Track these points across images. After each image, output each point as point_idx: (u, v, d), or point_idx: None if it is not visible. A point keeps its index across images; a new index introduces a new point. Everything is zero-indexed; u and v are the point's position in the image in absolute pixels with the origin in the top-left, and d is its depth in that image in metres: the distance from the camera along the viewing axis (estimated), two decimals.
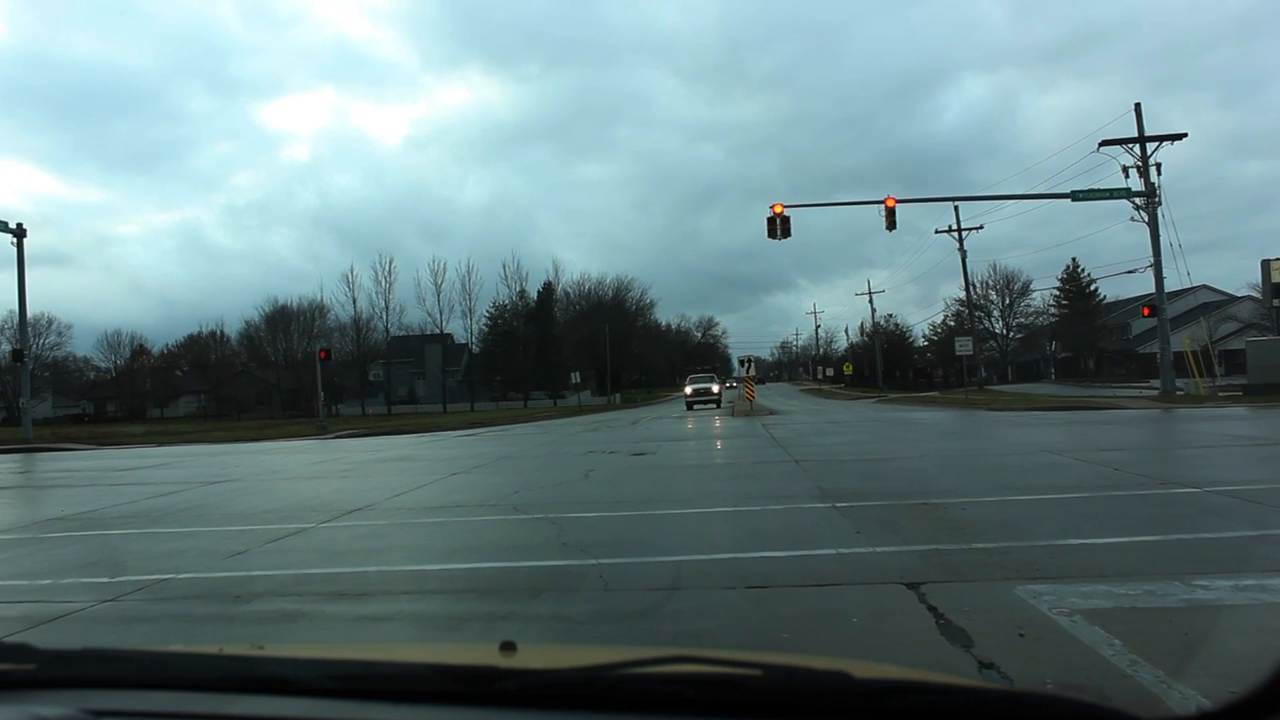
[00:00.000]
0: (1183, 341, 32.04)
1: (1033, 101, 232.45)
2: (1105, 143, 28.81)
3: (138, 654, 1.30)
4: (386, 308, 67.90)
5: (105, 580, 5.63)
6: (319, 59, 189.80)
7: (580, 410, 49.96)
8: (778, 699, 1.01)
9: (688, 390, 41.48)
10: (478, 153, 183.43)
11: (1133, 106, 28.83)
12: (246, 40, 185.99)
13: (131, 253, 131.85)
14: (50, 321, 74.48)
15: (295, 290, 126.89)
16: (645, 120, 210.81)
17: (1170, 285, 30.18)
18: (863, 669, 1.04)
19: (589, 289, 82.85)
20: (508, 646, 1.18)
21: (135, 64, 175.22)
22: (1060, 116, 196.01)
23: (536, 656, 1.23)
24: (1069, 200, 28.31)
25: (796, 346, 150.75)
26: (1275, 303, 29.26)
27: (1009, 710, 1.02)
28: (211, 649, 1.27)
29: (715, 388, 41.41)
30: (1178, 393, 28.31)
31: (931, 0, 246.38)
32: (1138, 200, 28.76)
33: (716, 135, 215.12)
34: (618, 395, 69.25)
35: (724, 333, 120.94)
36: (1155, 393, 30.17)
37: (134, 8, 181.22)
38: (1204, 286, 59.96)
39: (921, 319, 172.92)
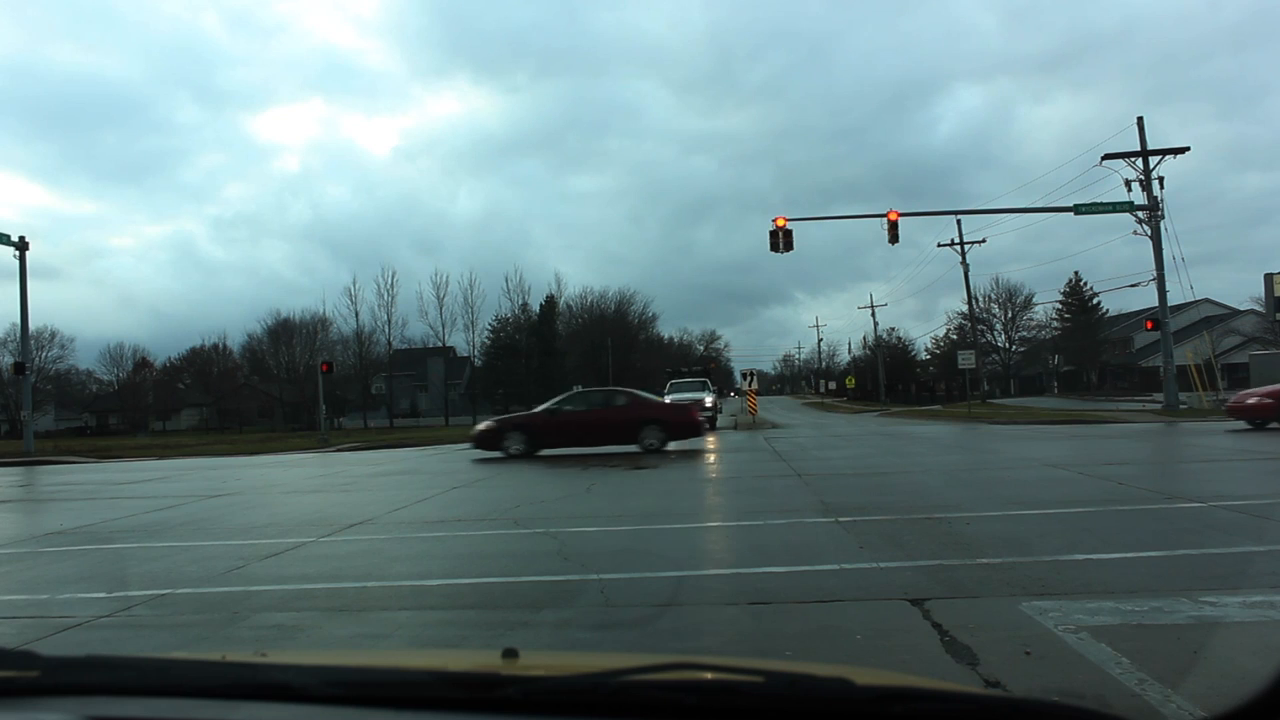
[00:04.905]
0: (1185, 355, 32.01)
1: (1027, 113, 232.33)
2: (1107, 156, 28.93)
3: (141, 661, 1.30)
4: (389, 321, 68.00)
5: (103, 595, 5.62)
6: (307, 69, 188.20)
7: None
8: (780, 705, 1.01)
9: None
10: (468, 164, 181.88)
11: (1130, 119, 29.42)
12: (233, 50, 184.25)
13: (124, 265, 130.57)
14: (53, 334, 74.95)
15: (291, 303, 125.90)
16: (637, 131, 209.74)
17: (1173, 299, 30.18)
18: (865, 676, 1.04)
19: (591, 302, 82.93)
20: (510, 653, 1.19)
21: (122, 74, 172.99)
22: (1055, 128, 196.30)
23: (539, 663, 1.23)
24: (1071, 213, 28.41)
25: (799, 360, 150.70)
26: (1278, 316, 29.23)
27: (1010, 717, 1.02)
28: (214, 656, 1.27)
29: (708, 399, 28.84)
30: (1181, 406, 28.28)
31: (922, 9, 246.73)
32: (1140, 214, 28.83)
33: (709, 147, 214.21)
34: None
35: (726, 345, 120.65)
36: (1158, 406, 30.14)
37: (118, 18, 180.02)
38: (1206, 300, 60.03)
39: (922, 332, 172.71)
